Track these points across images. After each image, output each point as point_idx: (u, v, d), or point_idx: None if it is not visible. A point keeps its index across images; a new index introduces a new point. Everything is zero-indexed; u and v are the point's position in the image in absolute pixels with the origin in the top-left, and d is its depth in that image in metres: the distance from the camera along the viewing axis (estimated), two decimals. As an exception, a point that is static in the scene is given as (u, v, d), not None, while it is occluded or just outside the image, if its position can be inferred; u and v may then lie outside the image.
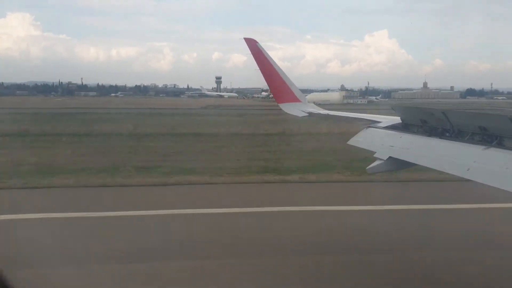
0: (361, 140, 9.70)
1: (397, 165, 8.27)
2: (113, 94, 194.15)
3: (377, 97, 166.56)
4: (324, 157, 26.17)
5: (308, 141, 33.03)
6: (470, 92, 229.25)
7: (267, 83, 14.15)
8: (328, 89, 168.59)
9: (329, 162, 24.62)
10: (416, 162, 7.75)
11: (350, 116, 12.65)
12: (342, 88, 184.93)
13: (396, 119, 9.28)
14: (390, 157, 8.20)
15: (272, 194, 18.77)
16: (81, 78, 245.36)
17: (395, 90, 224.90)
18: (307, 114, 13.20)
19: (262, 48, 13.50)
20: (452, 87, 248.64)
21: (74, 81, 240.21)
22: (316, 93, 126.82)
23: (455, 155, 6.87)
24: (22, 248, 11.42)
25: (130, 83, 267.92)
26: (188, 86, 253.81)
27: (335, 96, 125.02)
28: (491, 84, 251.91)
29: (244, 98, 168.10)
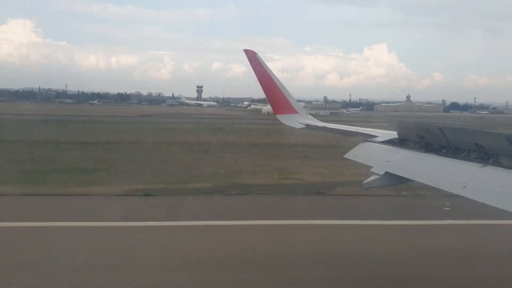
0: (358, 154, 9.71)
1: (393, 180, 8.26)
2: (90, 102, 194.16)
3: (349, 108, 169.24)
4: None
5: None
6: (454, 106, 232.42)
7: (265, 94, 14.19)
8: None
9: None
10: (412, 178, 7.75)
11: (347, 129, 12.67)
12: (325, 100, 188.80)
13: (393, 134, 9.30)
14: (386, 172, 8.20)
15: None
16: (66, 85, 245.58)
17: (379, 103, 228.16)
18: (305, 126, 13.24)
19: (261, 60, 13.58)
20: (444, 101, 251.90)
21: (71, 89, 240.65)
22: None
23: (452, 172, 6.87)
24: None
25: (130, 91, 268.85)
26: (172, 94, 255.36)
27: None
28: (474, 98, 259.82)
29: (227, 107, 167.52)
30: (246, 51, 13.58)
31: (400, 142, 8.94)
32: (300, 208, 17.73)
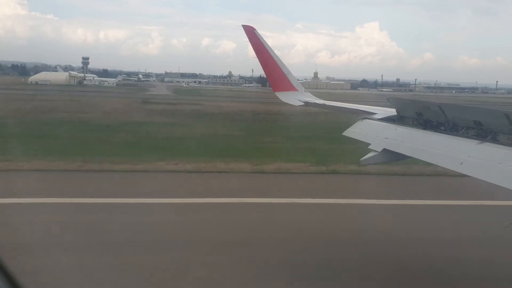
0: (356, 131, 9.71)
1: (391, 157, 8.30)
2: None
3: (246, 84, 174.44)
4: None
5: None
6: (364, 83, 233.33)
7: (264, 71, 14.07)
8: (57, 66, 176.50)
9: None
10: (410, 155, 7.77)
11: (346, 107, 12.63)
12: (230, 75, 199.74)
13: (392, 111, 9.28)
14: (384, 149, 8.22)
15: None
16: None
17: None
18: (304, 103, 13.18)
19: (260, 36, 13.41)
20: (398, 79, 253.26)
21: (61, 63, 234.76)
22: (44, 72, 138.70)
23: (449, 149, 6.88)
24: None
25: (119, 67, 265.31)
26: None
27: (60, 77, 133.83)
28: (382, 75, 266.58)
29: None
30: (244, 26, 13.39)
31: (399, 119, 8.94)
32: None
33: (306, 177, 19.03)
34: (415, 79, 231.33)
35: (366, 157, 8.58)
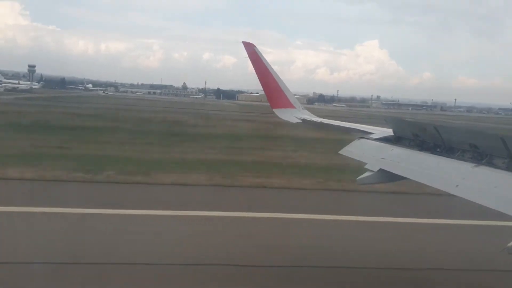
0: (353, 150, 9.73)
1: (387, 177, 8.30)
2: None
3: (105, 90, 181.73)
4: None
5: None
6: (321, 98, 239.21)
7: (263, 87, 14.15)
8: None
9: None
10: (406, 176, 7.78)
11: (343, 125, 12.67)
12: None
13: (389, 131, 9.32)
14: (380, 169, 8.23)
15: None
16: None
17: (240, 92, 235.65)
18: (301, 121, 13.23)
19: (260, 53, 13.52)
20: (377, 96, 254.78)
21: (61, 74, 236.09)
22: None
23: (445, 171, 6.90)
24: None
25: (119, 79, 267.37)
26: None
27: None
28: (337, 91, 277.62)
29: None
30: (245, 43, 13.51)
31: (395, 139, 8.97)
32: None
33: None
34: (371, 95, 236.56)
35: (362, 176, 8.57)
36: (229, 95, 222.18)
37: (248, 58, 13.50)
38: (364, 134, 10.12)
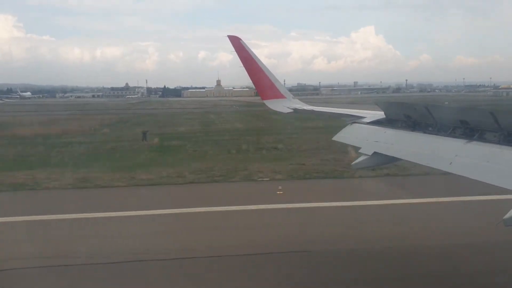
0: (346, 136, 9.77)
1: (382, 160, 8.35)
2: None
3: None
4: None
5: None
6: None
7: (252, 80, 14.11)
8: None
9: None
10: (400, 157, 7.84)
11: (335, 111, 12.70)
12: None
13: (381, 114, 9.36)
14: (375, 152, 8.27)
15: None
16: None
17: (186, 88, 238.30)
18: (292, 110, 13.23)
19: (246, 45, 13.47)
20: (355, 82, 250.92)
21: (56, 84, 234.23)
22: None
23: (438, 149, 6.96)
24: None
25: (116, 84, 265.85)
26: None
27: None
28: (284, 80, 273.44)
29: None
30: (230, 37, 13.45)
31: (388, 122, 9.01)
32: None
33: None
34: (319, 82, 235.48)
35: (357, 161, 8.61)
36: (176, 92, 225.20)
37: (235, 52, 13.45)
38: (356, 119, 10.16)
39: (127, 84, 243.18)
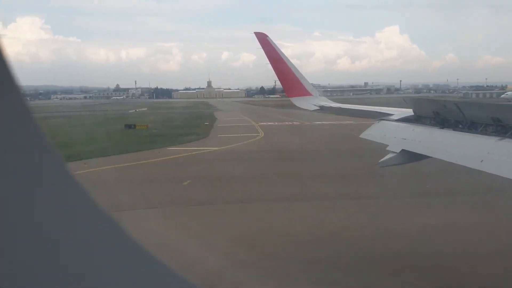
0: (374, 133, 9.65)
1: (410, 157, 8.21)
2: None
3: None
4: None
5: None
6: (262, 91, 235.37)
7: (278, 77, 14.12)
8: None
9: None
10: (429, 155, 7.69)
11: (362, 109, 12.58)
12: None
13: (409, 112, 9.21)
14: (403, 149, 8.14)
15: None
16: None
17: (177, 90, 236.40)
18: (319, 108, 13.16)
19: (273, 42, 13.46)
20: (365, 83, 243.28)
21: (83, 84, 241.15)
22: None
23: (469, 147, 6.79)
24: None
25: (140, 84, 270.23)
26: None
27: None
28: (275, 81, 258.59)
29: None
30: (257, 33, 13.48)
31: (416, 119, 8.86)
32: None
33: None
34: (275, 81, 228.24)
35: (384, 158, 8.50)
36: (166, 93, 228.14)
37: (262, 49, 13.47)
38: (384, 116, 10.02)
39: (117, 85, 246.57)
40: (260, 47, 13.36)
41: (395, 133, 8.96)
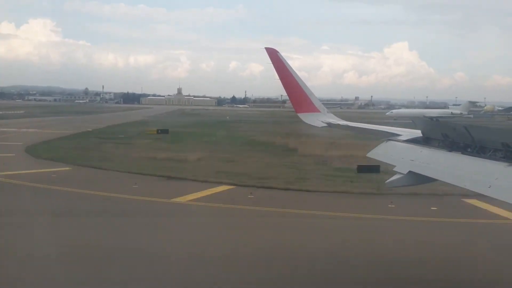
0: (381, 152, 9.58)
1: (417, 179, 8.12)
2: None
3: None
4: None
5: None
6: (233, 100, 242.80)
7: (287, 93, 14.12)
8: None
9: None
10: (436, 178, 7.60)
11: (370, 128, 12.52)
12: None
13: (417, 133, 9.13)
14: (410, 171, 8.06)
15: None
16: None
17: (146, 95, 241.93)
18: (326, 125, 13.12)
19: (283, 58, 13.51)
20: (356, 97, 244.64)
21: (91, 88, 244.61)
22: None
23: (477, 172, 6.70)
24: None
25: (149, 90, 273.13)
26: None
27: None
28: (245, 91, 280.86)
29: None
30: (267, 49, 13.53)
31: (424, 140, 8.78)
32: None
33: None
34: (281, 95, 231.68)
35: (391, 179, 8.42)
36: (134, 98, 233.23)
37: (272, 64, 13.50)
38: (392, 136, 9.95)
39: (86, 88, 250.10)
40: (270, 62, 13.41)
41: (402, 153, 8.88)
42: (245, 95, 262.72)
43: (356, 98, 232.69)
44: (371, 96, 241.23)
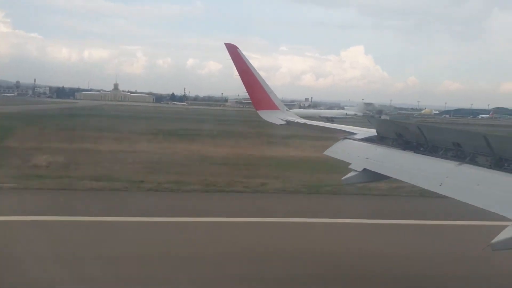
0: (337, 150, 9.72)
1: (371, 177, 8.29)
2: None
3: None
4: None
5: None
6: (173, 97, 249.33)
7: (246, 90, 14.04)
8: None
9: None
10: (389, 175, 7.77)
11: (328, 126, 12.66)
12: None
13: (373, 132, 9.32)
14: (364, 169, 8.21)
15: None
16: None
17: (79, 90, 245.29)
18: (285, 122, 13.17)
19: (243, 54, 13.42)
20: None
21: (42, 83, 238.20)
22: None
23: (429, 170, 6.89)
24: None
25: (105, 86, 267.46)
26: None
27: None
28: (184, 88, 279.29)
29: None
30: (227, 45, 13.40)
31: (379, 139, 8.97)
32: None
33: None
34: (238, 94, 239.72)
35: (346, 176, 8.56)
36: (69, 93, 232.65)
37: (232, 61, 13.39)
38: (348, 135, 10.11)
39: (18, 81, 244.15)
40: (230, 58, 13.30)
41: (358, 152, 9.04)
42: (184, 92, 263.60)
43: (306, 100, 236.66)
44: (311, 98, 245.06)
